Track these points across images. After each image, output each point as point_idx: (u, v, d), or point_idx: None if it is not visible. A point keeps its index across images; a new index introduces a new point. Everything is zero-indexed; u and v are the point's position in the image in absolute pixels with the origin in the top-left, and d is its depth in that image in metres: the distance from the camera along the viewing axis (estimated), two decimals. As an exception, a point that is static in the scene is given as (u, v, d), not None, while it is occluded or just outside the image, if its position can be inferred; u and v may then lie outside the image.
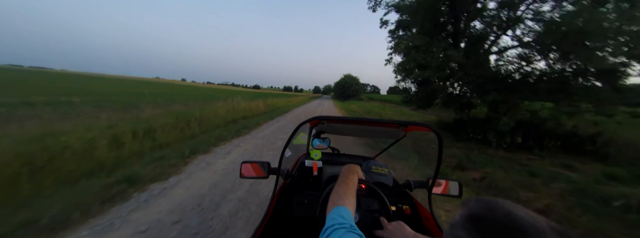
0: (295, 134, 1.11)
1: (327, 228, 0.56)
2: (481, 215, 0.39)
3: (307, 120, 1.10)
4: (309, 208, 1.05)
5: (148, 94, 16.21)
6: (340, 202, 0.66)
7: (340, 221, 0.56)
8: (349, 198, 0.69)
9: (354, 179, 0.83)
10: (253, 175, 1.15)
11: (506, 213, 0.37)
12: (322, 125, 1.26)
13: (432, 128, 0.99)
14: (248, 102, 11.72)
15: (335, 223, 0.56)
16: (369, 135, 2.78)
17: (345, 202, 0.66)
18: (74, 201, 2.23)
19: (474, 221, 0.39)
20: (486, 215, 0.39)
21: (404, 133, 1.29)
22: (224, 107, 8.98)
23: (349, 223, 0.56)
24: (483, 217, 0.39)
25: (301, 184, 1.28)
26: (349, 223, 0.56)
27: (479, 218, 0.39)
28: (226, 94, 21.32)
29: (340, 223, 0.56)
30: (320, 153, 1.39)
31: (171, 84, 62.89)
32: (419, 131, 1.16)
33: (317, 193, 1.05)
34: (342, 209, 0.62)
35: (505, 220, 0.36)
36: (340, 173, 0.88)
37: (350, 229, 0.54)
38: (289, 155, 1.45)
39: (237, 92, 34.97)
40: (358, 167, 0.97)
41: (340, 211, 0.61)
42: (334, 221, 0.57)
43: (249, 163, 1.15)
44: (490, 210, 0.39)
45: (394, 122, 1.09)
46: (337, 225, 0.55)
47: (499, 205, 0.39)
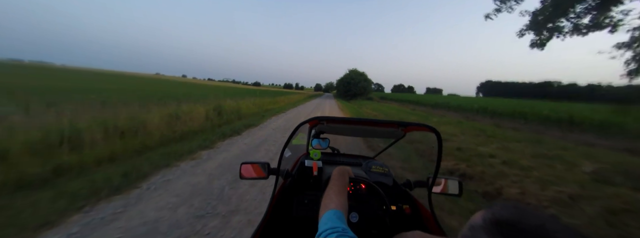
0: (294, 134, 1.13)
1: (319, 233, 0.56)
2: (511, 221, 0.36)
3: (306, 120, 1.13)
4: (309, 208, 1.06)
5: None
6: (331, 205, 0.67)
7: (333, 225, 0.57)
8: (340, 200, 0.70)
9: (344, 180, 0.86)
10: (253, 175, 1.16)
11: (540, 224, 0.34)
12: (322, 125, 1.25)
13: (432, 128, 1.00)
14: (236, 101, 10.05)
15: (328, 228, 0.57)
16: (368, 135, 2.71)
17: (336, 204, 0.68)
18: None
19: (501, 227, 0.36)
20: (517, 223, 0.35)
21: (403, 134, 1.29)
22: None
23: (341, 227, 0.57)
24: (512, 224, 0.35)
25: (301, 184, 1.26)
26: (342, 227, 0.57)
27: (507, 224, 0.36)
28: (217, 91, 19.50)
29: (332, 228, 0.56)
30: (319, 153, 1.38)
31: (171, 81, 59.50)
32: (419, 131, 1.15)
33: (317, 194, 1.07)
34: (333, 213, 0.63)
35: (538, 231, 0.33)
36: (331, 176, 0.90)
37: (343, 233, 0.54)
38: (288, 155, 1.55)
39: (235, 89, 33.80)
40: (348, 168, 1.00)
41: (332, 215, 0.62)
42: (327, 225, 0.58)
43: (248, 164, 1.16)
44: (523, 218, 0.36)
45: (394, 122, 1.10)
46: (329, 230, 0.56)
47: (532, 214, 0.37)
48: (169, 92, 17.51)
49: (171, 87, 33.02)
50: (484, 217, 0.39)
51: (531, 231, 0.33)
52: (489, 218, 0.38)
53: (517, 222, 0.35)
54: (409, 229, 0.69)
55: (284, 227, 1.07)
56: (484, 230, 0.37)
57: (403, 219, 1.10)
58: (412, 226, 0.98)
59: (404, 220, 1.09)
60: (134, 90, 16.54)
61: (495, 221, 0.37)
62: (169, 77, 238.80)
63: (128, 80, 42.84)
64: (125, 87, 20.92)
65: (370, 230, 0.91)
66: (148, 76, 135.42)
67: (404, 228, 0.73)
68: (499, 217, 0.37)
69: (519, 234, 0.34)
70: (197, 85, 54.08)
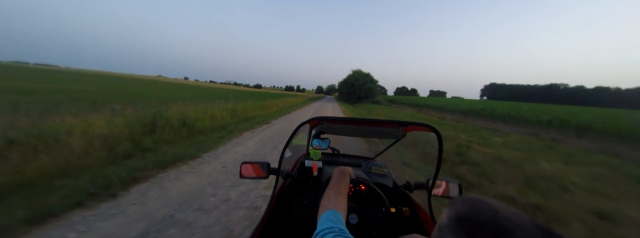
0: (295, 135, 1.13)
1: (317, 233, 0.57)
2: (468, 216, 0.38)
3: (306, 120, 1.11)
4: (309, 208, 1.06)
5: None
6: (330, 205, 0.67)
7: (330, 225, 0.58)
8: (339, 201, 0.70)
9: (345, 181, 0.86)
10: (253, 175, 1.15)
11: (492, 213, 0.36)
12: (322, 125, 1.24)
13: (433, 128, 0.98)
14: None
15: (324, 228, 0.57)
16: (369, 135, 2.60)
17: (335, 205, 0.67)
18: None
19: (462, 223, 0.38)
20: (473, 217, 0.37)
21: (404, 133, 1.27)
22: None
23: (338, 227, 0.57)
24: (470, 218, 0.38)
25: (301, 185, 1.26)
26: (339, 227, 0.57)
27: (466, 219, 0.38)
28: (212, 93, 16.65)
29: (329, 228, 0.56)
30: (320, 154, 1.39)
31: (174, 83, 55.98)
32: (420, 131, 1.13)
33: (316, 194, 1.07)
34: (331, 213, 0.63)
35: (493, 221, 0.36)
36: (331, 176, 0.90)
37: (340, 233, 0.55)
38: (288, 156, 1.46)
39: (222, 91, 30.54)
40: (349, 169, 0.98)
41: (329, 215, 0.62)
42: (324, 225, 0.58)
43: (248, 163, 1.15)
44: (477, 210, 0.38)
45: (394, 121, 1.09)
46: (326, 229, 0.56)
47: (484, 204, 0.39)
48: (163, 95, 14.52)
49: (191, 89, 30.10)
50: (449, 216, 0.40)
51: (486, 222, 0.36)
52: (451, 216, 0.40)
53: (474, 215, 0.37)
54: (407, 232, 0.66)
55: (284, 227, 1.09)
56: (449, 230, 0.39)
57: (402, 222, 1.11)
58: (411, 229, 1.05)
59: (403, 223, 1.11)
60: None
61: (456, 218, 0.39)
62: (171, 79, 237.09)
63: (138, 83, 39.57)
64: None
65: (369, 231, 0.93)
66: (150, 78, 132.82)
67: (403, 231, 0.72)
68: (459, 214, 0.39)
69: (476, 228, 0.36)
70: (202, 87, 50.75)
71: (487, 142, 7.76)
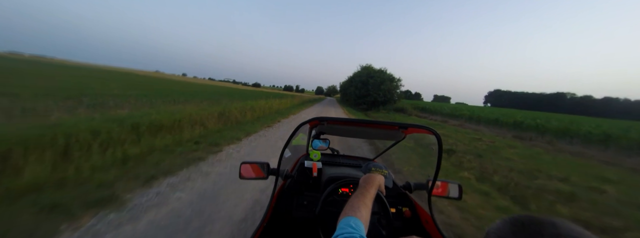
0: (294, 135, 1.11)
1: (335, 236, 0.55)
2: (525, 218, 0.38)
3: (306, 121, 1.10)
4: (309, 209, 1.06)
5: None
6: (351, 213, 0.64)
7: (350, 230, 0.56)
8: (362, 211, 0.66)
9: (372, 192, 0.79)
10: (252, 175, 1.15)
11: (551, 221, 0.36)
12: (322, 126, 1.22)
13: (432, 130, 0.98)
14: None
15: (344, 232, 0.55)
16: (368, 137, 2.36)
17: (357, 214, 0.64)
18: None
19: (517, 222, 0.38)
20: (531, 219, 0.38)
21: (404, 135, 1.28)
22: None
23: (359, 234, 0.55)
24: (528, 219, 0.38)
25: (300, 185, 1.26)
26: (359, 234, 0.55)
27: (521, 219, 0.38)
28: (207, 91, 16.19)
29: (349, 233, 0.55)
30: (319, 154, 1.40)
31: (170, 80, 50.66)
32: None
33: (316, 195, 1.09)
34: (352, 219, 0.61)
35: (549, 224, 0.35)
36: (359, 182, 0.87)
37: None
38: (288, 156, 1.50)
39: (229, 89, 29.48)
40: (380, 178, 0.91)
41: (350, 221, 0.60)
42: (343, 230, 0.56)
43: (248, 163, 1.15)
44: (535, 217, 0.38)
45: (394, 123, 1.09)
46: (346, 234, 0.55)
47: (543, 216, 0.38)
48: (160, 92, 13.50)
49: (190, 86, 28.75)
50: (503, 220, 0.41)
51: (544, 223, 0.36)
52: (506, 220, 0.40)
53: (531, 218, 0.38)
54: (407, 233, 0.68)
55: (284, 228, 1.08)
56: (507, 227, 0.39)
57: (402, 222, 1.11)
58: (411, 229, 1.05)
59: (403, 223, 1.10)
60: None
61: (512, 220, 0.39)
62: (169, 75, 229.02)
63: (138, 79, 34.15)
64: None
65: (368, 234, 0.92)
66: (148, 73, 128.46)
67: (403, 232, 0.73)
68: (516, 217, 0.39)
69: (533, 224, 0.36)
70: (200, 84, 49.09)
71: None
